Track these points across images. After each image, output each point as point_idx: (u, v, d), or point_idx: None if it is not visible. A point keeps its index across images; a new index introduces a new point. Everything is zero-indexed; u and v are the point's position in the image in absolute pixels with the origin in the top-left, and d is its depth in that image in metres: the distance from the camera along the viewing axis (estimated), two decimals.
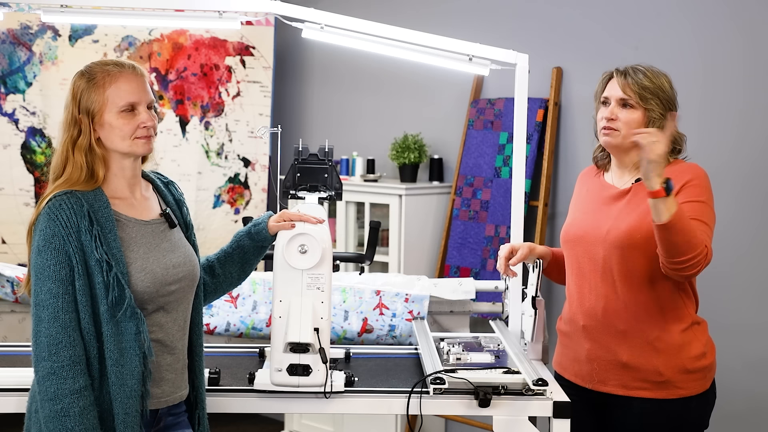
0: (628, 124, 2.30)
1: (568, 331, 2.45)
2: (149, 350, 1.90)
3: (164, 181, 2.14)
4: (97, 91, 1.92)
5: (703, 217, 2.22)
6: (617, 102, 2.33)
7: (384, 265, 4.26)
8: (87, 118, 1.92)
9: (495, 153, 4.06)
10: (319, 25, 2.64)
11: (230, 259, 2.23)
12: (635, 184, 2.34)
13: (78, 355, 1.84)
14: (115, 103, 1.93)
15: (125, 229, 1.94)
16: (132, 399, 1.88)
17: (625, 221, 2.29)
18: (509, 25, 4.10)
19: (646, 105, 2.30)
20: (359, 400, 2.29)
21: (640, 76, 2.31)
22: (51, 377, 1.81)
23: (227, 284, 2.24)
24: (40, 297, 1.84)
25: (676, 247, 2.11)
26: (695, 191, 2.25)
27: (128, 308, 1.87)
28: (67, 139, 1.93)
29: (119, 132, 1.93)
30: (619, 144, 2.34)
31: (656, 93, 2.30)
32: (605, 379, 2.35)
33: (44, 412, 1.82)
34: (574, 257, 2.43)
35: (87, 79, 1.94)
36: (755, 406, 3.42)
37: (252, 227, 2.21)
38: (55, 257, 1.84)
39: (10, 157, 4.33)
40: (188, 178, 4.51)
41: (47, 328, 1.82)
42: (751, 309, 3.41)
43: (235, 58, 4.57)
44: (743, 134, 3.44)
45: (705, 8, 3.52)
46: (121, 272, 1.87)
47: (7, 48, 4.30)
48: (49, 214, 1.86)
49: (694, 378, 2.29)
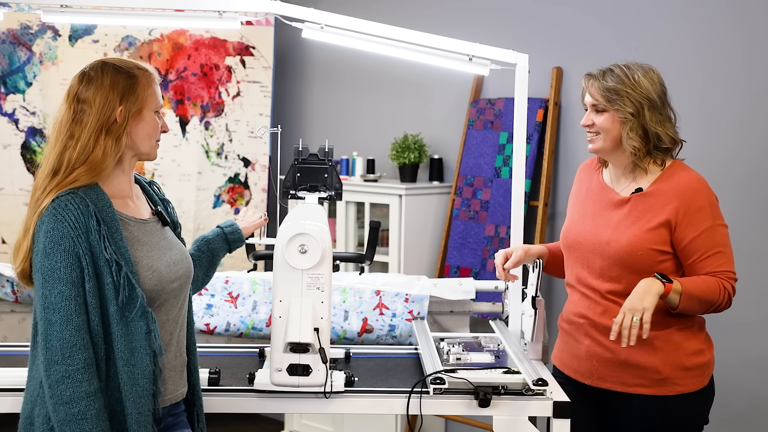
0: (602, 128, 2.33)
1: (568, 329, 2.46)
2: (159, 349, 1.91)
3: (146, 182, 2.15)
4: (141, 88, 1.95)
5: (718, 245, 2.27)
6: (591, 108, 2.36)
7: (384, 265, 4.26)
8: (126, 110, 1.93)
9: (495, 153, 4.06)
10: (319, 25, 2.64)
11: (199, 262, 2.30)
12: (634, 195, 2.33)
13: (91, 357, 1.83)
14: (153, 102, 1.98)
15: (128, 228, 1.94)
16: (144, 398, 1.88)
17: (626, 234, 2.29)
18: (509, 25, 4.10)
19: (614, 106, 2.30)
20: (359, 400, 2.29)
21: (607, 77, 2.31)
22: (66, 381, 1.80)
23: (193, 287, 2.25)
24: (50, 300, 1.81)
25: (700, 310, 2.28)
26: (702, 217, 2.26)
27: (140, 308, 1.87)
28: (98, 126, 1.90)
29: (151, 130, 1.98)
30: (600, 148, 2.36)
31: (623, 92, 2.28)
32: (604, 376, 2.36)
33: (58, 416, 1.80)
34: (573, 260, 2.43)
35: (127, 73, 1.95)
36: (755, 404, 3.42)
37: (226, 228, 2.38)
38: (64, 259, 1.82)
39: (10, 157, 4.33)
40: (188, 178, 4.51)
41: (59, 332, 1.80)
42: (750, 308, 3.41)
43: (235, 58, 4.57)
44: (743, 134, 3.44)
45: (705, 9, 3.51)
46: (130, 272, 1.87)
47: (7, 48, 4.30)
48: (55, 214, 1.83)
49: (693, 375, 2.30)
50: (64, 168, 1.88)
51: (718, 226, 2.27)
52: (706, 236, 2.25)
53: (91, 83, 1.93)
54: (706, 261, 2.25)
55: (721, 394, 2.48)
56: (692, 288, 2.22)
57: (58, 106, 1.96)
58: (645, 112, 2.28)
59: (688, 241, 2.25)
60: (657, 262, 2.28)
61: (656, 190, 2.30)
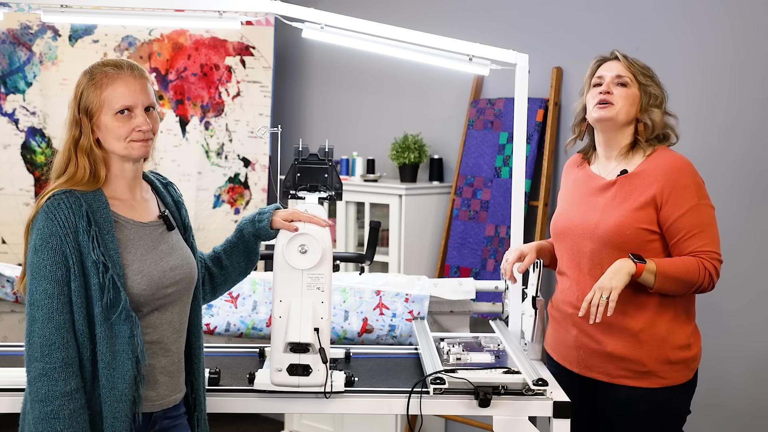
0: (624, 98, 2.36)
1: (557, 317, 2.50)
2: (142, 354, 1.88)
3: (163, 182, 2.13)
4: (95, 92, 1.91)
5: (703, 224, 2.28)
6: (612, 80, 2.39)
7: (384, 265, 4.26)
8: (86, 119, 1.92)
9: (495, 153, 4.06)
10: (319, 25, 2.64)
11: (236, 249, 2.22)
12: (620, 177, 2.36)
13: (71, 357, 1.82)
14: (110, 105, 1.91)
15: (123, 230, 1.93)
16: (122, 403, 1.86)
17: (613, 215, 2.32)
18: (509, 25, 4.10)
19: (645, 84, 2.37)
20: (359, 400, 2.29)
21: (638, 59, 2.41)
22: (42, 378, 1.80)
23: (236, 274, 2.24)
24: (35, 297, 1.82)
25: (680, 290, 2.28)
26: (687, 195, 2.29)
27: (123, 311, 1.85)
28: (69, 139, 1.92)
29: (114, 134, 1.92)
30: (613, 117, 2.37)
31: (653, 74, 2.40)
32: (591, 366, 2.39)
33: (34, 413, 1.81)
34: (563, 248, 2.46)
35: (88, 79, 1.93)
36: (755, 404, 3.42)
37: (257, 215, 2.19)
38: (51, 257, 1.82)
39: (10, 157, 4.32)
40: (188, 178, 4.51)
41: (41, 329, 1.81)
42: (751, 308, 3.41)
43: (235, 58, 4.57)
44: (743, 134, 3.44)
45: (704, 9, 3.52)
46: (117, 274, 1.85)
47: (7, 48, 4.30)
48: (47, 212, 1.84)
49: (677, 369, 2.33)
50: (54, 178, 1.93)
51: (703, 206, 2.29)
52: (691, 215, 2.27)
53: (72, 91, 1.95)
54: (690, 240, 2.27)
55: (722, 394, 2.48)
56: (667, 268, 2.24)
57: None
58: (664, 102, 2.38)
59: (673, 219, 2.28)
60: (646, 241, 2.30)
61: (642, 171, 2.34)
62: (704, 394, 2.69)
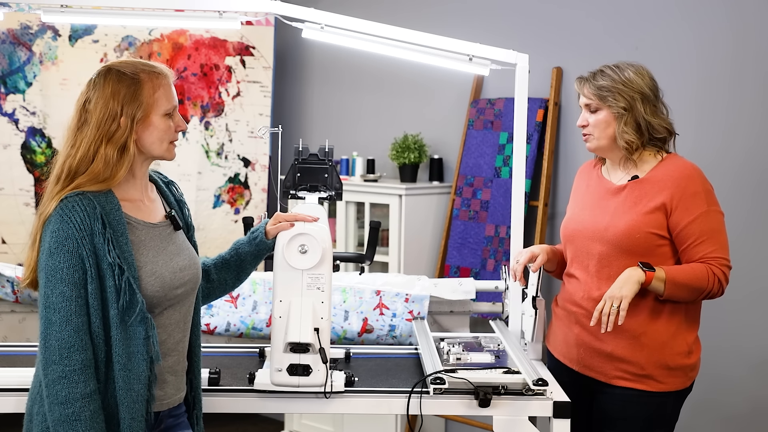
0: (597, 126, 2.39)
1: (561, 315, 2.51)
2: (157, 355, 1.90)
3: (165, 182, 2.13)
4: (146, 93, 1.91)
5: (712, 231, 2.29)
6: (585, 108, 2.42)
7: (384, 265, 4.26)
8: (128, 118, 1.90)
9: (495, 153, 4.06)
10: (319, 25, 2.64)
11: (227, 265, 2.23)
12: (630, 182, 2.38)
13: (89, 358, 1.82)
14: (162, 105, 1.93)
15: (135, 232, 1.93)
16: (138, 404, 1.87)
17: (623, 219, 2.33)
18: (509, 25, 4.10)
19: (607, 103, 2.36)
20: (359, 400, 2.29)
21: (598, 77, 2.39)
22: (62, 381, 1.80)
23: (220, 290, 2.25)
24: (51, 299, 1.81)
25: (690, 297, 2.30)
26: (697, 202, 2.30)
27: (140, 313, 1.86)
28: (98, 135, 1.88)
29: (161, 134, 1.94)
30: (596, 147, 2.42)
31: (614, 89, 2.35)
32: (590, 365, 2.41)
33: (53, 415, 1.80)
34: (572, 250, 2.48)
35: (130, 79, 1.92)
36: (755, 405, 3.42)
37: (251, 235, 2.22)
38: (68, 260, 1.82)
39: (10, 157, 4.32)
40: (188, 178, 4.51)
41: (58, 332, 1.80)
42: (751, 308, 3.41)
43: (235, 58, 4.57)
44: (742, 134, 3.44)
45: (704, 9, 3.52)
46: (132, 276, 1.86)
47: (7, 48, 4.30)
48: (62, 215, 1.83)
49: (675, 375, 2.34)
50: (65, 176, 1.88)
51: (713, 212, 2.30)
52: (701, 221, 2.28)
53: (95, 91, 1.91)
54: (699, 246, 2.29)
55: (722, 394, 2.48)
56: (677, 275, 2.26)
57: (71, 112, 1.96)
58: (638, 105, 2.34)
59: (683, 226, 2.29)
60: (655, 246, 2.31)
61: (652, 177, 2.35)
62: (704, 393, 2.69)
